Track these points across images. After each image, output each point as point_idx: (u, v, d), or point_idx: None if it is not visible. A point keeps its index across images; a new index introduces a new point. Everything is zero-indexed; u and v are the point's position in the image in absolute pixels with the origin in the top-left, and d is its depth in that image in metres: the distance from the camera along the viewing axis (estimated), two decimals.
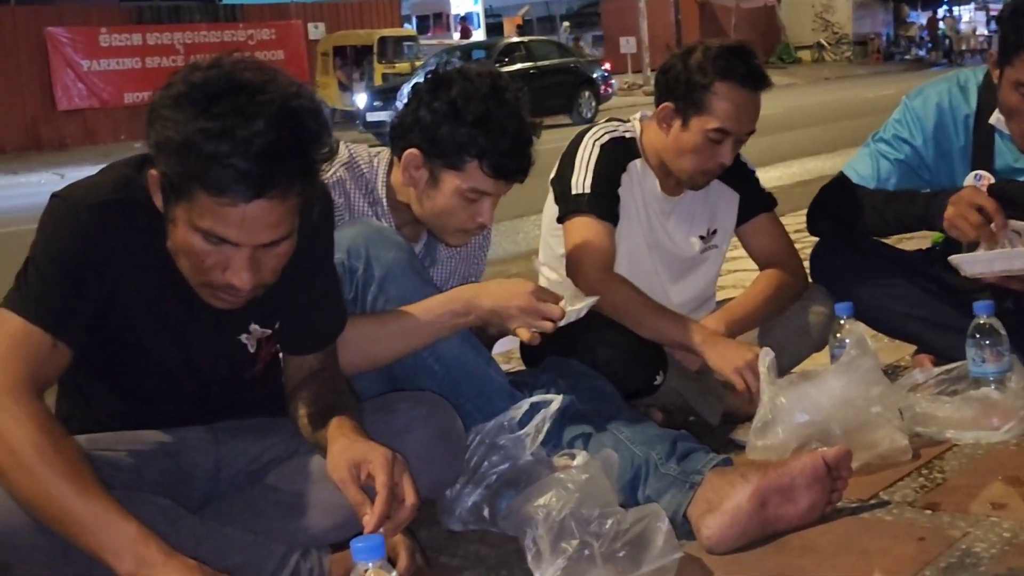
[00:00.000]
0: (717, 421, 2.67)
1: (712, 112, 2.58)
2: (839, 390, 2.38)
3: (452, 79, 2.29)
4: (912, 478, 2.29)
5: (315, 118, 1.71)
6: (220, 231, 1.67)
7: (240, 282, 1.72)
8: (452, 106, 2.25)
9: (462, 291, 2.27)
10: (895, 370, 3.07)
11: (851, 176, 2.86)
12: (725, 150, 2.62)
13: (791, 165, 10.63)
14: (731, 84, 2.58)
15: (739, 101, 2.59)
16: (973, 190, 2.58)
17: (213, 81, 1.65)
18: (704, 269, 2.86)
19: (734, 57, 2.61)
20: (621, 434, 2.23)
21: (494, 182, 2.28)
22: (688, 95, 2.60)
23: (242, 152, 1.61)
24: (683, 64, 2.62)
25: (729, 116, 2.59)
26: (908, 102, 2.87)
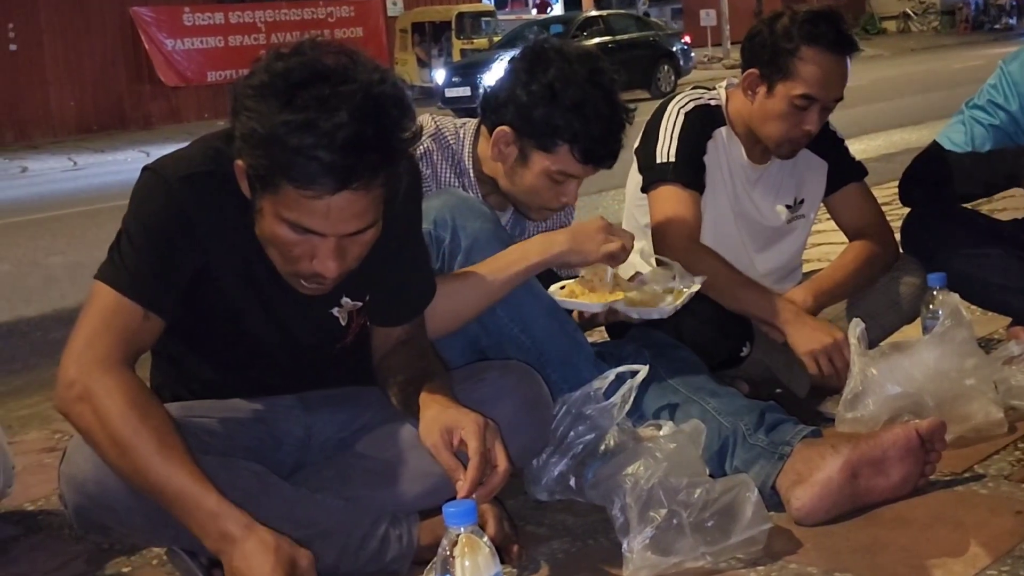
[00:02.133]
0: (804, 393, 2.64)
1: (798, 77, 2.54)
2: (932, 362, 2.33)
3: (551, 58, 2.28)
4: (1008, 451, 2.24)
5: (398, 105, 1.69)
6: (306, 222, 1.67)
7: (327, 270, 1.72)
8: (550, 89, 2.25)
9: (535, 239, 2.25)
10: (989, 343, 3.00)
11: (944, 144, 2.80)
12: (811, 117, 2.58)
13: (876, 138, 10.43)
14: (818, 48, 2.53)
15: (826, 66, 2.54)
16: None
17: (295, 70, 1.64)
18: (791, 239, 2.82)
19: (822, 21, 2.56)
20: (708, 405, 2.21)
21: (583, 166, 2.29)
22: (774, 60, 2.56)
23: (326, 144, 1.60)
24: (769, 29, 2.59)
25: (815, 82, 2.54)
26: (1004, 67, 2.80)
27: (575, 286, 2.33)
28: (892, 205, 2.95)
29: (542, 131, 2.26)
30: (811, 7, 2.66)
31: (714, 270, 2.53)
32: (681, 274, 2.34)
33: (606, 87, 2.27)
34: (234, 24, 21.70)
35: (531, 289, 2.26)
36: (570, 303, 2.31)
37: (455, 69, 18.96)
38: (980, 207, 2.95)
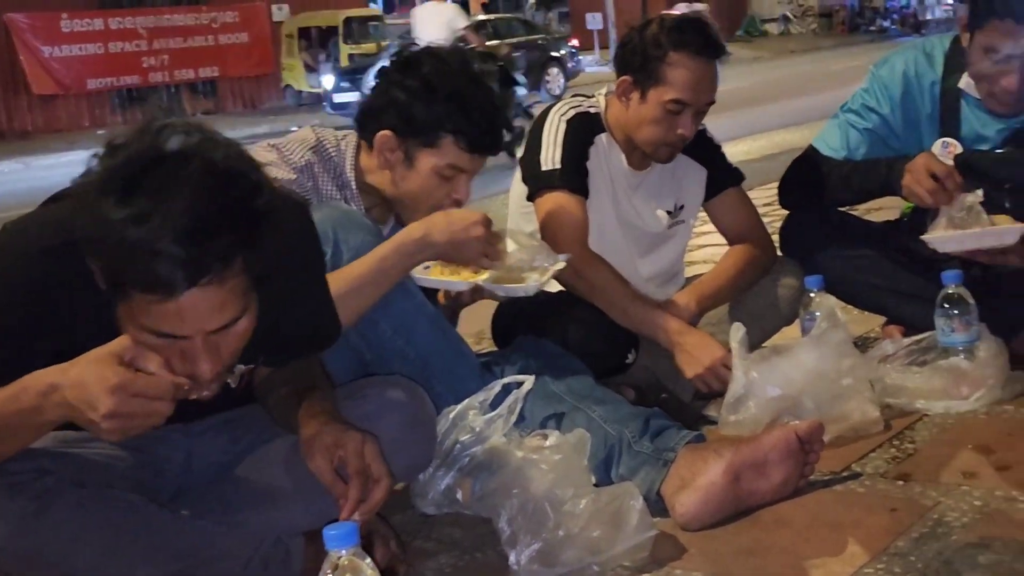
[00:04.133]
0: (689, 397, 2.67)
1: (669, 83, 2.59)
2: (810, 363, 2.38)
3: (422, 58, 2.30)
4: (884, 449, 2.30)
5: (247, 176, 1.51)
6: (162, 327, 1.50)
7: (202, 372, 1.55)
8: (425, 83, 2.26)
9: (411, 230, 2.20)
10: (866, 341, 3.09)
11: (821, 148, 2.86)
12: (685, 121, 2.62)
13: (759, 139, 10.63)
14: (686, 54, 2.58)
15: (695, 71, 2.59)
16: (927, 156, 2.57)
17: (132, 160, 1.46)
18: (672, 244, 2.86)
19: (689, 27, 2.61)
20: (594, 413, 2.22)
21: (470, 157, 2.29)
22: (644, 67, 2.60)
23: (165, 236, 1.42)
24: (639, 37, 2.64)
25: (686, 86, 2.58)
26: (875, 71, 2.87)
27: (439, 265, 2.31)
28: (775, 205, 3.01)
29: (424, 127, 2.26)
30: (680, 15, 2.71)
31: (605, 282, 2.56)
32: (546, 251, 2.33)
33: (480, 76, 2.30)
34: (114, 31, 21.22)
35: (414, 301, 2.25)
36: (435, 282, 2.30)
37: (343, 74, 18.82)
38: (856, 207, 3.01)
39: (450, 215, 2.22)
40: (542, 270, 2.30)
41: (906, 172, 2.55)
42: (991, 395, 2.47)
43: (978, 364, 2.48)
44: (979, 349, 2.49)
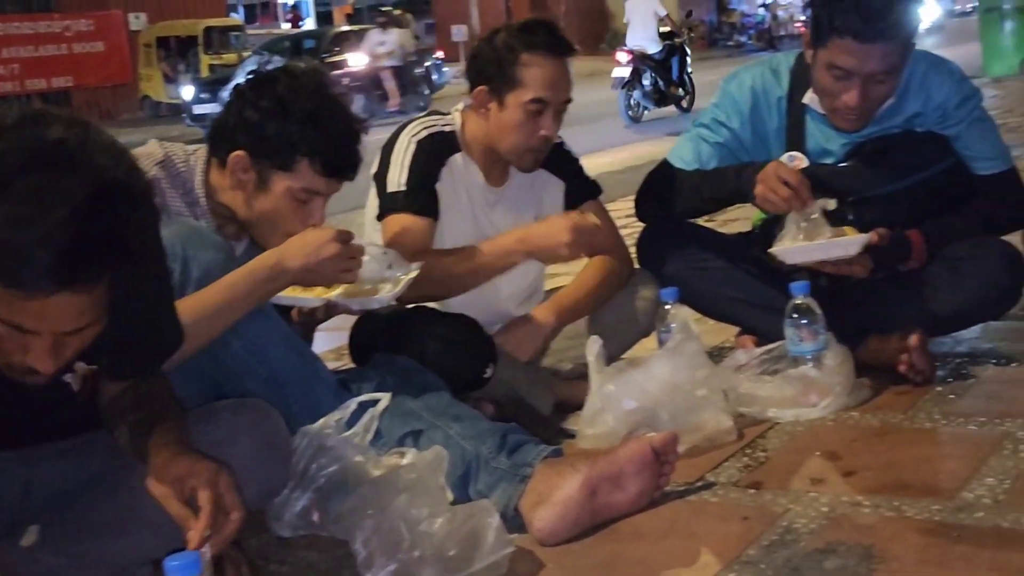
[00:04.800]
0: (549, 411, 2.68)
1: (525, 84, 2.61)
2: (666, 375, 2.42)
3: (277, 77, 2.25)
4: (737, 458, 2.34)
5: (132, 195, 1.49)
6: (16, 320, 1.48)
7: (42, 367, 1.54)
8: (280, 103, 2.21)
9: (265, 258, 2.15)
10: (720, 351, 3.14)
11: (674, 161, 2.91)
12: (546, 121, 2.65)
13: (622, 150, 10.79)
14: (538, 53, 2.62)
15: (549, 68, 2.63)
16: (778, 164, 2.63)
17: (12, 153, 1.42)
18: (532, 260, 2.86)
19: (536, 27, 2.67)
20: (451, 429, 2.21)
21: (326, 181, 2.25)
22: (499, 73, 2.63)
23: (41, 245, 1.39)
24: (489, 46, 2.67)
25: (542, 84, 2.62)
26: (724, 86, 2.93)
27: None
28: (636, 217, 3.04)
29: (278, 149, 2.21)
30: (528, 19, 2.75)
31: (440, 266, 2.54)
32: (398, 261, 2.32)
33: (336, 98, 2.27)
34: None
35: (267, 320, 2.20)
36: (286, 299, 2.25)
37: (203, 85, 18.48)
38: (714, 218, 3.06)
39: (303, 237, 2.16)
40: (395, 280, 2.28)
41: (758, 181, 2.61)
42: (838, 402, 2.54)
43: (826, 372, 2.55)
44: (827, 357, 2.55)
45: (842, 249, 2.61)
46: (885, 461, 2.24)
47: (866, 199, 2.77)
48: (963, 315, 2.77)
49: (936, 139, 2.80)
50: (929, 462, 2.20)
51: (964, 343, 2.90)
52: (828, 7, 2.65)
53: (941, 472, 2.13)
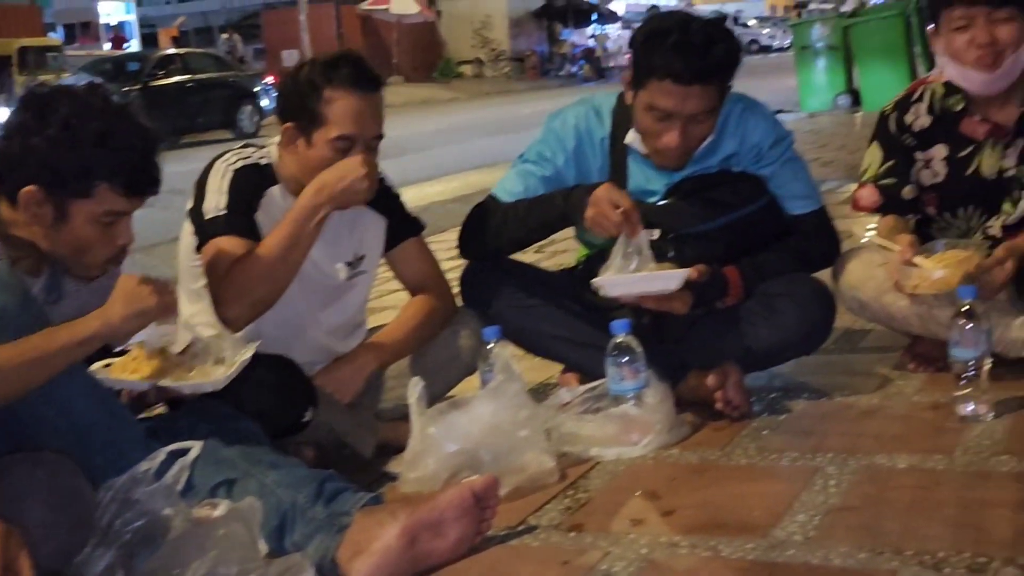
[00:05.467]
0: (371, 454, 2.63)
1: (331, 121, 2.54)
2: (488, 416, 2.40)
3: (57, 99, 2.13)
4: (559, 500, 2.33)
5: None
6: None
7: None
8: (67, 128, 2.10)
9: (87, 321, 2.05)
10: (545, 388, 3.15)
11: (500, 195, 2.90)
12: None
13: (453, 180, 10.80)
14: (342, 89, 2.54)
15: (355, 104, 2.55)
16: (609, 187, 2.64)
17: None
18: (352, 295, 2.81)
19: (340, 62, 2.58)
20: (266, 478, 2.13)
21: (128, 200, 2.17)
22: (304, 111, 2.55)
23: None
24: (293, 81, 2.59)
25: (348, 121, 2.55)
26: (549, 123, 2.95)
27: (124, 361, 2.18)
28: None
29: (74, 178, 2.11)
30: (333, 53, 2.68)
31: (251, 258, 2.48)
32: (233, 342, 2.26)
33: (126, 113, 2.18)
34: None
35: (69, 368, 2.08)
36: (114, 381, 2.16)
37: None
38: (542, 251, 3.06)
39: (123, 290, 2.06)
40: (229, 362, 2.21)
41: (590, 204, 2.62)
42: (659, 440, 2.56)
43: (647, 410, 2.57)
44: (647, 395, 2.58)
45: (663, 282, 2.64)
46: (703, 499, 2.26)
47: (686, 236, 2.82)
48: (778, 350, 2.84)
49: (751, 178, 2.88)
50: (744, 499, 2.23)
51: (779, 377, 2.97)
52: (648, 49, 2.69)
53: (756, 509, 2.16)
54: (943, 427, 2.51)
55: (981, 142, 2.85)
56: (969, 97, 2.85)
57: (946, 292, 2.62)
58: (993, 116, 2.84)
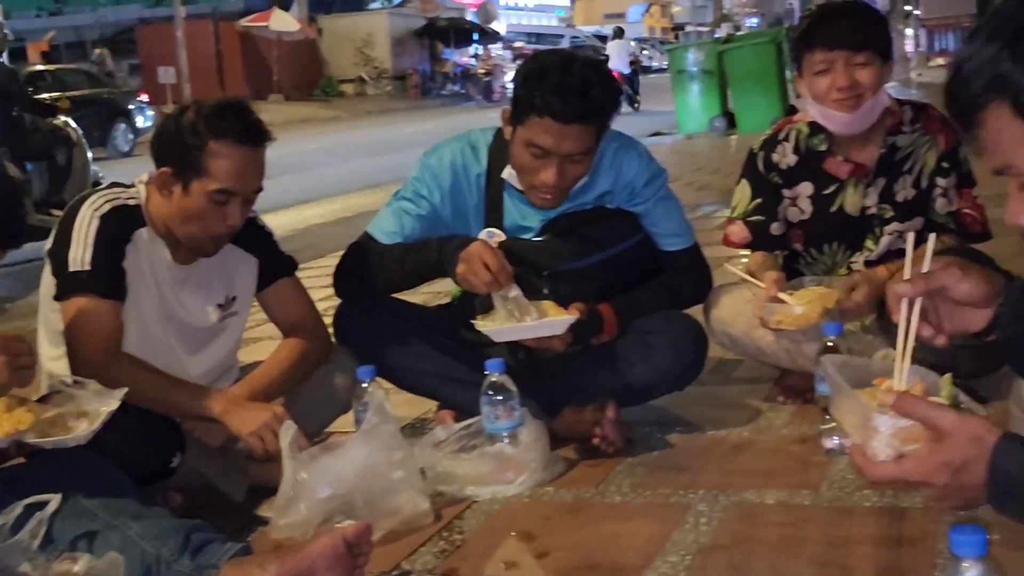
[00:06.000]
0: (242, 497, 2.58)
1: (211, 174, 2.48)
2: (361, 459, 2.37)
3: None
4: (433, 542, 2.31)
5: None
6: None
7: None
8: None
9: None
10: (423, 423, 3.13)
11: (376, 234, 2.87)
12: (232, 211, 2.53)
13: (334, 201, 10.72)
14: (227, 142, 2.49)
15: (238, 159, 2.50)
16: (481, 246, 2.64)
17: None
18: (224, 338, 2.75)
19: (228, 114, 2.52)
20: (129, 530, 2.06)
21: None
22: (184, 158, 2.49)
23: None
24: (176, 126, 2.51)
25: (230, 175, 2.49)
26: (425, 160, 2.93)
27: None
28: None
29: None
30: (218, 99, 2.61)
31: (138, 378, 2.42)
32: (98, 393, 2.18)
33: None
34: None
35: None
36: None
37: None
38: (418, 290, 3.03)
39: None
40: (94, 415, 2.14)
41: (461, 260, 2.61)
42: (534, 478, 2.57)
43: (522, 449, 2.57)
44: (522, 434, 2.58)
45: (548, 329, 2.66)
46: (577, 539, 2.27)
47: (560, 274, 2.83)
48: (652, 386, 2.87)
49: (626, 216, 2.91)
50: (618, 539, 2.24)
51: (654, 411, 3.00)
52: (529, 87, 2.69)
53: (629, 550, 2.17)
54: (810, 461, 2.57)
55: (844, 181, 2.94)
56: (832, 137, 2.94)
57: (810, 327, 2.69)
58: (855, 156, 2.93)
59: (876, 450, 1.39)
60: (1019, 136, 1.28)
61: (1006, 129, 1.28)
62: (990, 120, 1.29)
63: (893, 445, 1.38)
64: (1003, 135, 1.29)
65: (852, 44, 2.79)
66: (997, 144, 1.31)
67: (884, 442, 1.38)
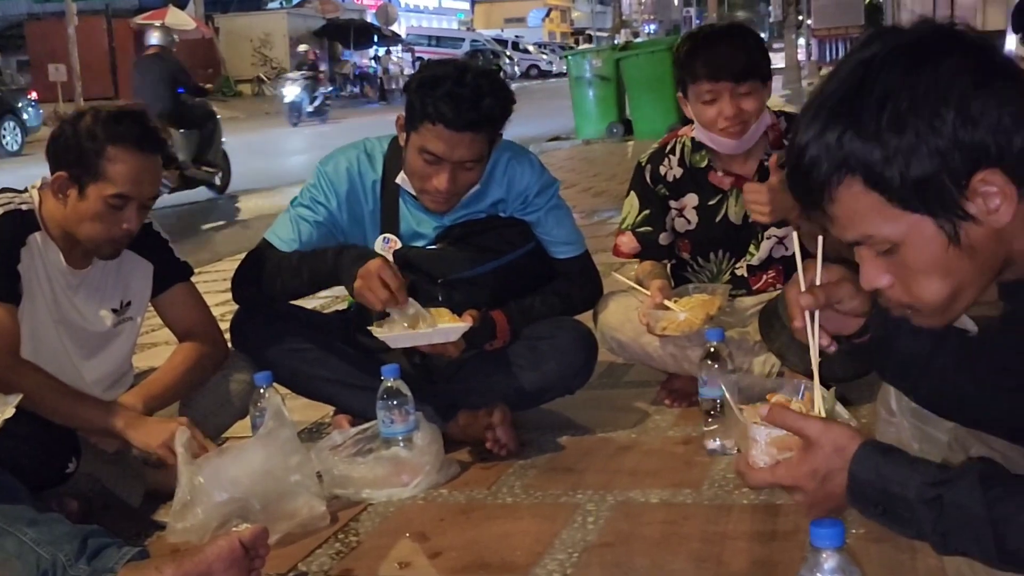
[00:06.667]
0: (139, 502, 2.60)
1: (109, 178, 2.51)
2: (258, 463, 2.41)
3: None
4: (329, 544, 2.37)
5: None
6: None
7: None
8: None
9: None
10: (320, 427, 3.18)
11: (273, 241, 2.91)
12: (129, 216, 2.56)
13: (232, 202, 10.63)
14: (125, 147, 2.52)
15: (136, 164, 2.54)
16: (380, 264, 2.67)
17: None
18: (119, 343, 2.76)
19: (126, 119, 2.56)
20: (25, 536, 2.07)
21: None
22: (81, 162, 2.52)
23: None
24: (73, 130, 2.54)
25: (127, 180, 2.53)
26: (321, 168, 2.98)
27: None
28: None
29: None
30: (116, 105, 2.64)
31: (39, 385, 2.43)
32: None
33: None
34: None
35: None
36: None
37: None
38: (317, 296, 3.06)
39: None
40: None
41: (359, 276, 2.65)
42: (429, 480, 2.64)
43: (416, 452, 2.63)
44: (417, 437, 2.64)
45: (443, 336, 2.73)
46: (469, 539, 2.34)
47: (454, 281, 2.91)
48: (544, 390, 2.96)
49: (518, 224, 3.00)
50: (508, 539, 2.32)
51: (546, 415, 3.09)
52: (422, 94, 2.76)
53: (518, 549, 2.25)
54: (693, 461, 2.68)
55: (727, 191, 3.07)
56: (714, 154, 3.06)
57: (694, 333, 2.81)
58: (736, 169, 3.06)
59: (755, 458, 1.51)
60: (875, 205, 1.33)
61: (861, 201, 1.33)
62: (843, 196, 1.34)
63: (770, 453, 1.51)
64: (858, 207, 1.34)
65: (736, 76, 2.87)
66: (852, 217, 1.35)
67: (761, 450, 1.51)
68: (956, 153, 1.28)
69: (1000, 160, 1.29)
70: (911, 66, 1.29)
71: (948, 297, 1.39)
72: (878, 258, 1.40)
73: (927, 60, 1.29)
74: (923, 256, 1.36)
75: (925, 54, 1.30)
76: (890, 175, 1.30)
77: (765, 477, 1.51)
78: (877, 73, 1.30)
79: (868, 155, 1.30)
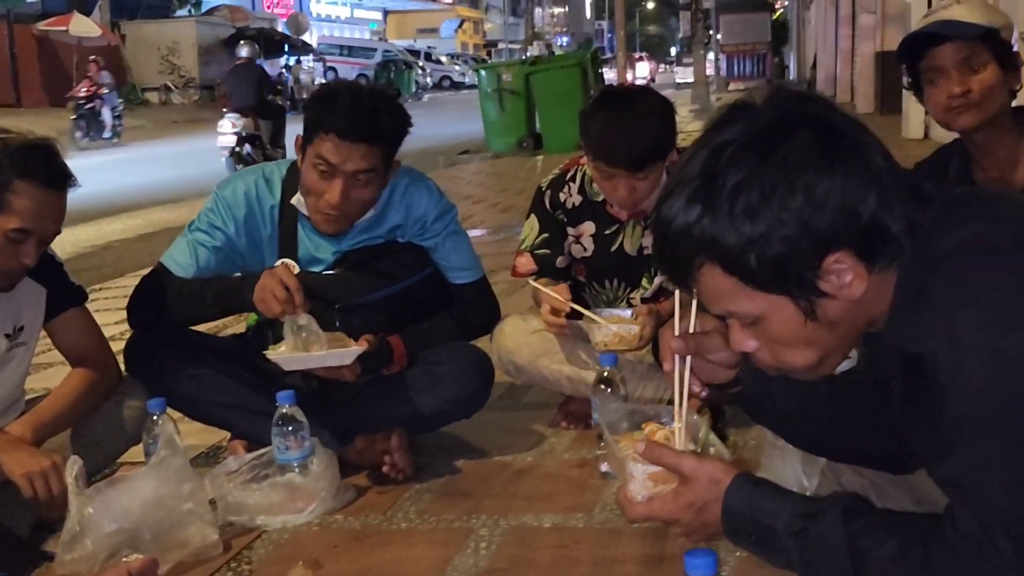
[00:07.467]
0: (27, 532, 2.55)
1: (13, 211, 2.47)
2: (150, 492, 2.39)
3: None
4: (221, 573, 2.36)
5: None
6: None
7: None
8: None
9: None
10: (216, 451, 3.16)
11: (170, 266, 2.89)
12: (29, 250, 2.52)
13: (136, 216, 10.47)
14: (32, 183, 2.49)
15: (41, 201, 2.50)
16: (284, 268, 2.71)
17: None
18: (10, 369, 2.71)
19: (36, 154, 2.52)
20: None
21: None
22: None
23: None
24: None
25: (31, 216, 2.49)
26: (218, 192, 2.97)
27: None
28: None
29: None
30: (25, 137, 2.59)
31: None
32: None
33: None
34: None
35: None
36: None
37: None
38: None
39: None
40: None
41: (263, 277, 2.67)
42: (324, 506, 2.64)
43: (312, 478, 2.64)
44: (312, 463, 2.64)
45: (337, 359, 2.73)
46: (362, 566, 2.36)
47: (352, 307, 2.92)
48: (441, 414, 2.99)
49: (416, 249, 3.02)
50: (402, 565, 2.34)
51: (444, 439, 3.11)
52: (318, 107, 2.80)
53: (411, 574, 2.27)
54: (587, 484, 2.73)
55: (624, 223, 3.13)
56: None
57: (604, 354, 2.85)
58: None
59: (633, 492, 1.57)
60: (734, 288, 1.41)
61: (722, 283, 1.41)
62: (705, 279, 1.43)
63: (647, 487, 1.57)
64: (719, 288, 1.42)
65: (634, 165, 2.89)
66: (716, 296, 1.44)
67: (639, 485, 1.58)
68: (805, 239, 1.35)
69: (849, 240, 1.36)
70: (761, 158, 1.36)
71: (814, 363, 1.48)
72: (745, 327, 1.47)
73: (775, 149, 1.36)
74: (785, 330, 1.44)
75: (774, 143, 1.37)
76: (746, 261, 1.37)
77: (643, 511, 1.57)
78: (730, 164, 1.37)
79: (724, 241, 1.37)
